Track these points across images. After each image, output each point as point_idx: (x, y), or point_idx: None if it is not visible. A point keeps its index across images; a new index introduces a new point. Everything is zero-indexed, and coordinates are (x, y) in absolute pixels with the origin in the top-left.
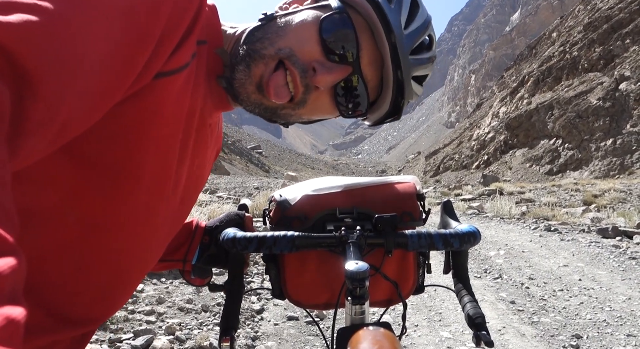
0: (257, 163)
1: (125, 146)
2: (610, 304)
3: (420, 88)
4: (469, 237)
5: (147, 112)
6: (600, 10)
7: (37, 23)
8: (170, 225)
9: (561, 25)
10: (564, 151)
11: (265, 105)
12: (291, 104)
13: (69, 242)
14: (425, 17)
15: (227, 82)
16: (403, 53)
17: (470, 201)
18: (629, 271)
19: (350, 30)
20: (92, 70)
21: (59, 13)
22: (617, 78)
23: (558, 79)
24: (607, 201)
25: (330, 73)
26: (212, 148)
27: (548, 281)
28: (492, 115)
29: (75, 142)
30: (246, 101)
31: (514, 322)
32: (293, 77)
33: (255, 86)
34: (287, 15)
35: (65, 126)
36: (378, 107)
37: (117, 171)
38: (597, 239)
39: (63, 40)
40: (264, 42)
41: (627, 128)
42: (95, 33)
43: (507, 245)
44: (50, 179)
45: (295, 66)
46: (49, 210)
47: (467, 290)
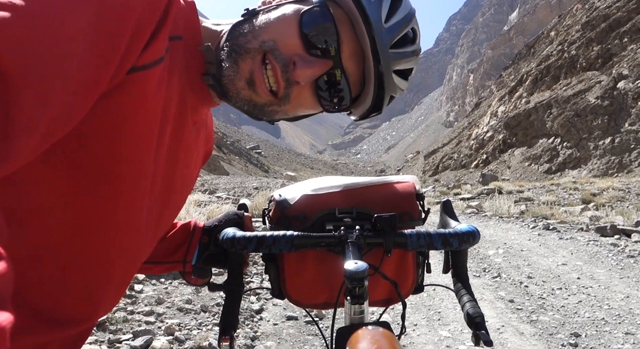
0: (256, 163)
1: (105, 144)
2: (609, 302)
3: (405, 82)
4: (468, 237)
5: (124, 108)
6: (598, 9)
7: (10, 21)
8: (156, 225)
9: (559, 24)
10: (562, 150)
11: (255, 102)
12: (276, 100)
13: (53, 243)
14: (408, 11)
15: (214, 79)
16: (383, 47)
17: (469, 201)
18: (627, 270)
19: (331, 24)
20: (70, 68)
21: (31, 11)
22: (615, 77)
23: (556, 78)
24: (605, 200)
25: (310, 68)
26: (201, 147)
27: (547, 279)
28: (490, 114)
29: (57, 143)
30: (235, 97)
31: (513, 321)
32: (274, 71)
33: (246, 82)
34: (269, 10)
35: (50, 127)
36: (361, 102)
37: (98, 170)
38: (596, 237)
39: (39, 39)
40: (247, 36)
41: (626, 127)
42: (69, 30)
43: (506, 243)
44: (33, 181)
45: (277, 60)
46: (33, 212)
47: (466, 289)
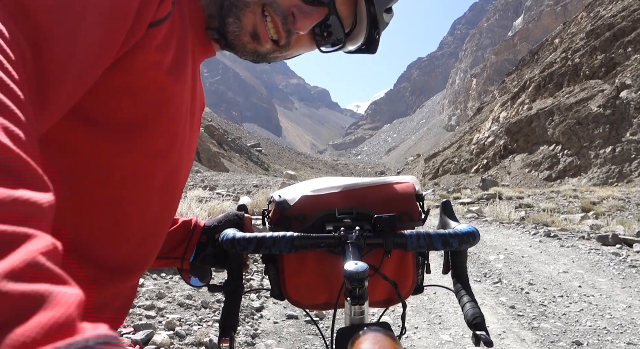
0: (257, 161)
1: (132, 100)
2: (611, 311)
3: (390, 15)
4: (468, 237)
5: (145, 63)
6: (603, 18)
7: None
8: (180, 180)
9: (564, 32)
10: (563, 157)
11: (259, 52)
12: (278, 48)
13: (103, 199)
14: None
15: (219, 34)
16: None
17: (469, 205)
18: (629, 280)
19: None
20: (94, 21)
21: None
22: (618, 86)
23: (559, 85)
24: (605, 209)
25: (309, 18)
26: (199, 101)
27: (548, 286)
28: (492, 120)
29: (83, 102)
30: (242, 51)
31: (514, 327)
32: (275, 23)
33: (250, 36)
34: None
35: (77, 81)
36: (353, 38)
37: (128, 126)
38: (597, 246)
39: None
40: None
41: (627, 137)
42: None
43: (507, 249)
44: (74, 142)
45: (276, 13)
46: (79, 171)
47: (466, 290)
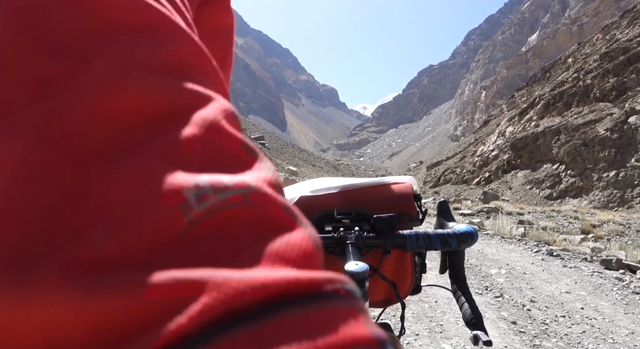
0: None
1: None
2: (613, 336)
3: None
4: (466, 237)
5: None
6: (619, 41)
7: None
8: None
9: (577, 52)
10: (565, 177)
11: None
12: None
13: None
14: None
15: None
16: None
17: (470, 217)
18: (632, 306)
19: None
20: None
21: None
22: (627, 111)
23: (568, 105)
24: (605, 233)
25: None
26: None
27: (550, 305)
28: (498, 133)
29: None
30: None
31: (516, 343)
32: None
33: None
34: None
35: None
36: None
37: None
38: (600, 269)
39: None
40: None
41: (632, 162)
42: None
43: (509, 264)
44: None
45: None
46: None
47: (464, 290)
